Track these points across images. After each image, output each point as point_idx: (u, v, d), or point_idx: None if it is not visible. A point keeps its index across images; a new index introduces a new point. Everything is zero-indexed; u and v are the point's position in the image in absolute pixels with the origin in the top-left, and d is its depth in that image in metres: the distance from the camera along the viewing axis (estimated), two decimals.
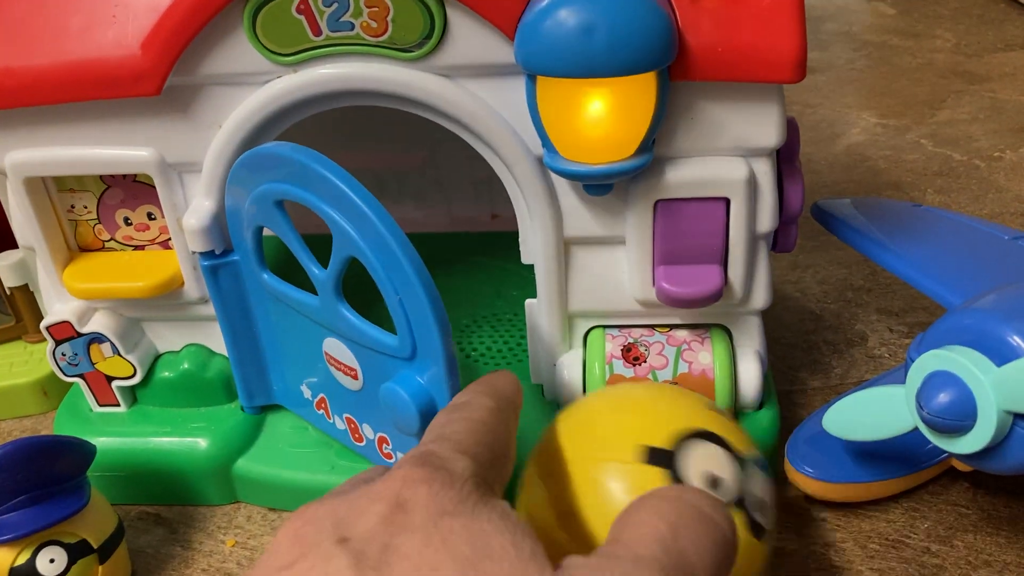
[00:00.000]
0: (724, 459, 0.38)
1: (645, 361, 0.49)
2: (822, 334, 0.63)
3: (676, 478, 0.37)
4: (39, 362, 0.62)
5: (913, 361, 0.42)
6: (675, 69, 0.41)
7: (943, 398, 0.39)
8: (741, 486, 0.37)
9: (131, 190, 0.50)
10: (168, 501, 0.53)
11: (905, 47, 1.06)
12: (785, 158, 0.47)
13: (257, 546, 0.50)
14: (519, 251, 0.51)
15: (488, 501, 0.29)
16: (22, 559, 0.43)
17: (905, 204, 0.58)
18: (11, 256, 0.60)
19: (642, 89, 0.41)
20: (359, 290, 0.48)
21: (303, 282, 0.48)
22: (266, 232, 0.48)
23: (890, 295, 0.66)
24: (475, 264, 0.66)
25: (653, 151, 0.44)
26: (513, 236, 0.57)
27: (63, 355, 0.52)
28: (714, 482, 0.37)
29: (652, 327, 0.50)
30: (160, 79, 0.44)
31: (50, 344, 0.52)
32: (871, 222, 0.54)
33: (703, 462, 0.37)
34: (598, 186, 0.44)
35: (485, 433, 0.34)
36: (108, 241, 0.51)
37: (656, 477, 0.37)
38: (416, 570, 0.26)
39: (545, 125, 0.43)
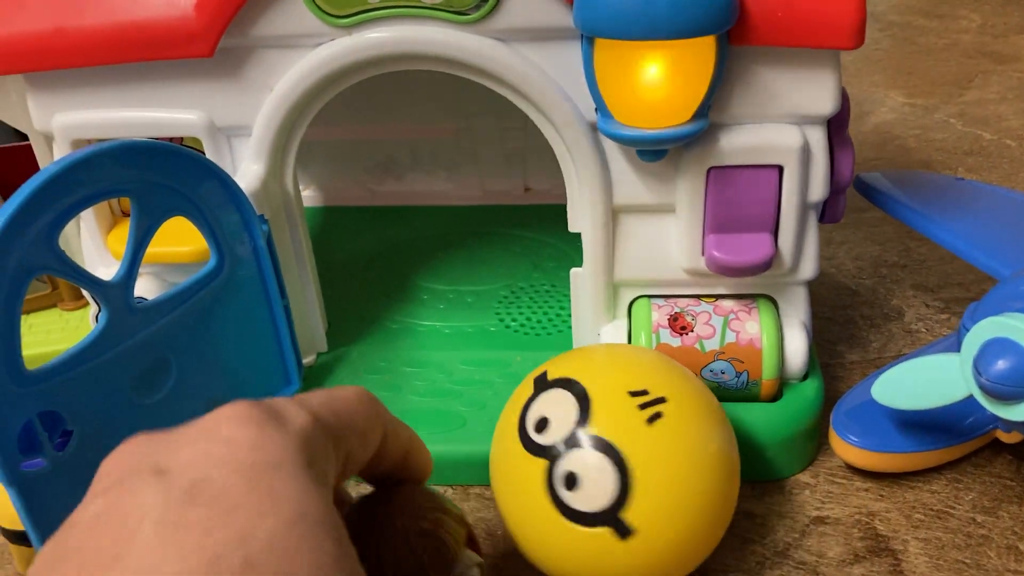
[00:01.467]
0: None
1: (692, 330, 0.49)
2: (858, 309, 0.63)
3: None
4: (75, 329, 0.62)
5: (968, 329, 0.41)
6: (734, 33, 0.41)
7: (1002, 364, 0.39)
8: None
9: None
10: None
11: (930, 27, 1.06)
12: (836, 127, 0.47)
13: None
14: (553, 224, 0.51)
15: (309, 469, 0.27)
16: None
17: (947, 177, 0.58)
18: None
19: (701, 53, 0.41)
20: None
21: None
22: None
23: (924, 271, 0.66)
24: (510, 236, 0.66)
25: (708, 117, 0.43)
26: (547, 208, 0.57)
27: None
28: None
29: (698, 297, 0.50)
30: (213, 40, 0.43)
31: (93, 308, 0.52)
32: (915, 195, 0.54)
33: None
34: (652, 152, 0.44)
35: (341, 403, 0.32)
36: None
37: None
38: (226, 513, 0.25)
39: (601, 89, 0.42)
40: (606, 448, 0.38)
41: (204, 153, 0.48)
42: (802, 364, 0.50)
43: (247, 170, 0.47)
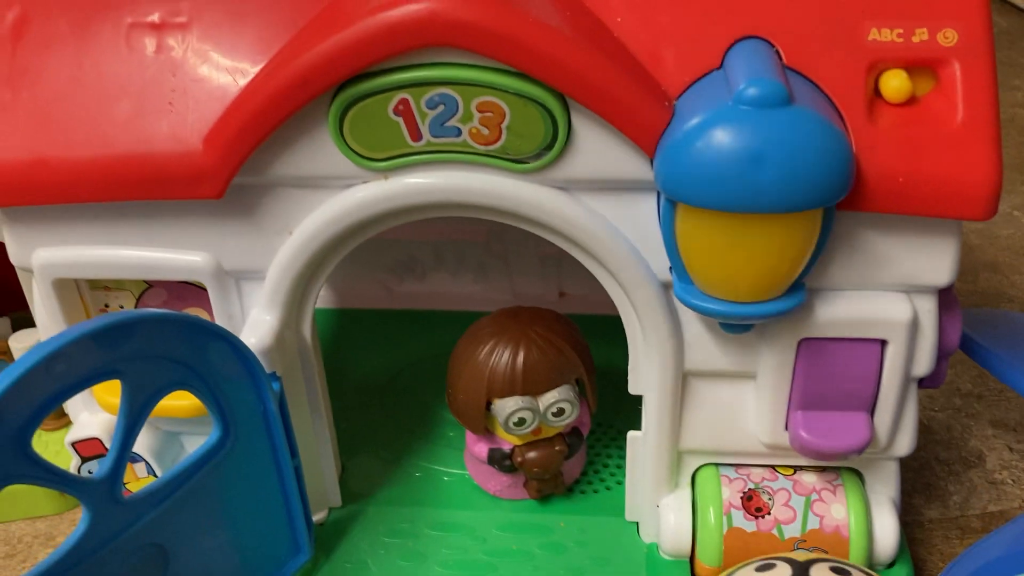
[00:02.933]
0: None
1: (769, 513, 0.42)
2: (933, 450, 0.56)
3: None
4: (55, 455, 0.55)
5: None
6: (844, 199, 0.35)
7: None
8: None
9: (176, 291, 0.43)
10: None
11: None
12: (943, 289, 0.41)
13: None
14: (592, 338, 0.45)
15: None
16: None
17: None
18: (28, 337, 0.53)
19: (805, 226, 0.34)
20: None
21: None
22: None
23: (1004, 405, 0.60)
24: None
25: (805, 288, 0.37)
26: (585, 319, 0.50)
27: (90, 473, 0.45)
28: None
29: (773, 467, 0.44)
30: (224, 180, 0.37)
31: (75, 460, 0.45)
32: (1012, 347, 0.47)
33: None
34: (738, 325, 0.38)
35: None
36: None
37: None
38: None
39: (683, 256, 0.36)
40: None
41: (208, 296, 0.41)
42: (893, 550, 0.43)
43: (259, 321, 0.40)
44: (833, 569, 0.36)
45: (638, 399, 0.44)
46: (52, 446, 0.56)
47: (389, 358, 0.60)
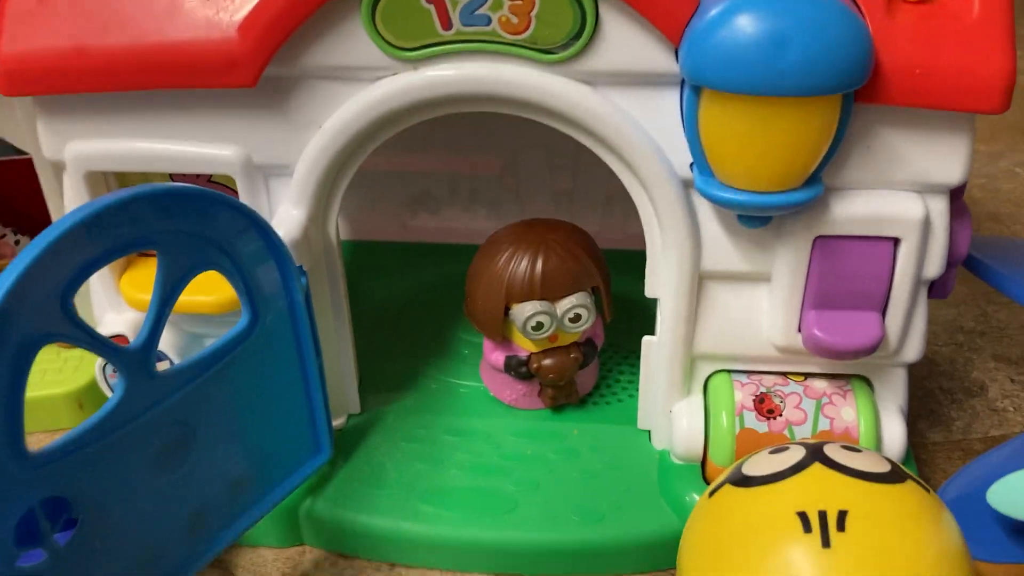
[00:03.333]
0: None
1: (781, 415, 0.43)
2: (936, 380, 0.58)
3: None
4: (74, 371, 0.56)
5: None
6: (862, 91, 0.36)
7: None
8: None
9: None
10: None
11: None
12: (954, 194, 0.42)
13: None
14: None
15: None
16: None
17: None
18: None
19: (826, 112, 0.35)
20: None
21: None
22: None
23: (1006, 340, 0.61)
24: None
25: (823, 182, 0.38)
26: None
27: (114, 372, 0.46)
28: None
29: (785, 375, 0.45)
30: (258, 68, 0.38)
31: (100, 361, 0.46)
32: (1018, 265, 0.49)
33: None
34: (756, 217, 0.39)
35: None
36: None
37: None
38: None
39: (705, 146, 0.37)
40: None
41: (236, 194, 0.42)
42: (900, 454, 0.44)
43: (287, 215, 0.41)
44: (844, 447, 0.37)
45: (652, 326, 0.45)
46: (71, 362, 0.57)
47: (404, 285, 0.61)
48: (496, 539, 0.44)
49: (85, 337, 0.33)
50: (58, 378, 0.55)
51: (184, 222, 0.35)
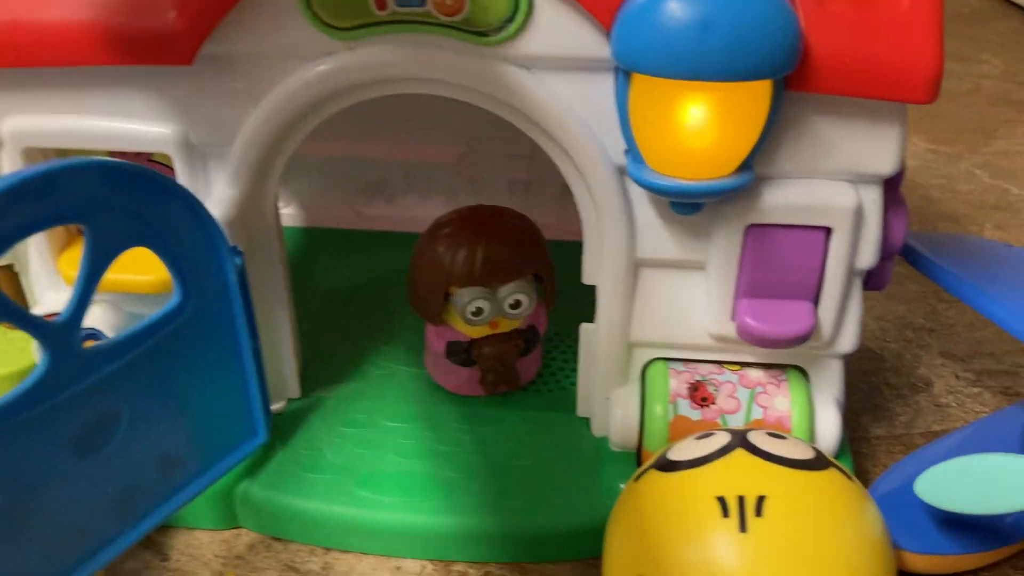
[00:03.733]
0: None
1: (714, 403, 0.44)
2: (883, 376, 0.58)
3: None
4: (19, 352, 0.56)
5: None
6: (792, 78, 0.36)
7: None
8: None
9: None
10: None
11: (951, 70, 1.01)
12: (890, 184, 0.42)
13: None
14: (557, 263, 0.46)
15: None
16: None
17: (994, 243, 0.53)
18: None
19: (755, 98, 0.35)
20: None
21: None
22: None
23: (953, 338, 0.61)
24: None
25: (753, 169, 0.38)
26: (551, 245, 0.51)
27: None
28: None
29: (720, 363, 0.45)
30: (194, 47, 0.38)
31: None
32: (962, 262, 0.49)
33: None
34: (688, 204, 0.39)
35: None
36: None
37: None
38: None
39: (635, 132, 0.37)
40: None
41: (174, 172, 0.42)
42: (834, 446, 0.45)
43: (222, 194, 0.41)
44: (769, 434, 0.37)
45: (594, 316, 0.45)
46: (18, 342, 0.56)
47: (355, 272, 0.61)
48: (432, 524, 0.44)
49: (5, 310, 0.33)
50: (4, 358, 0.55)
51: (112, 197, 0.35)
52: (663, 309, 0.43)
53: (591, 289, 0.44)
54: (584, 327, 0.45)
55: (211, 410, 0.43)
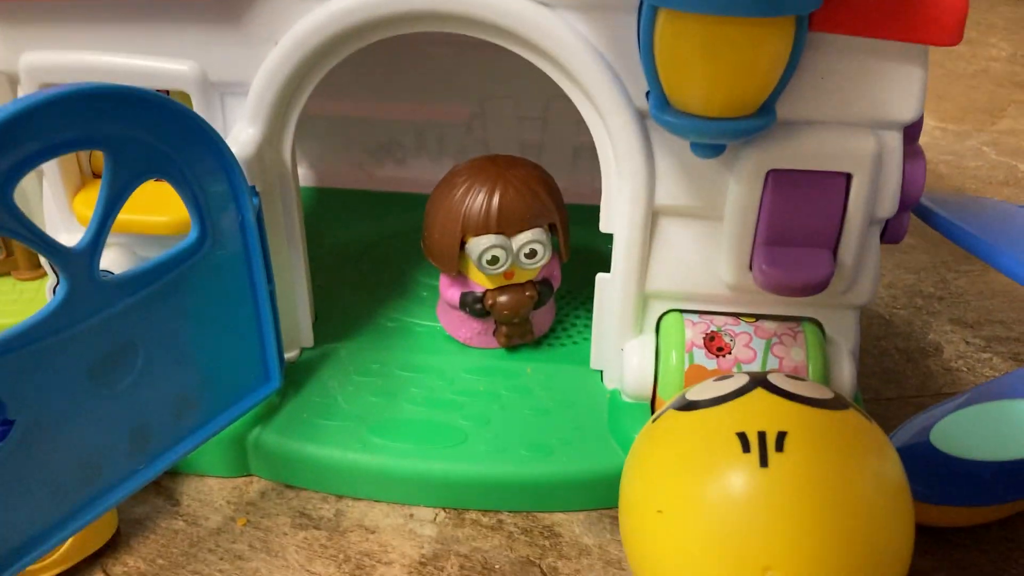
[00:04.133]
0: None
1: (730, 352, 0.44)
2: (893, 341, 0.58)
3: None
4: (29, 303, 0.55)
5: None
6: (817, 17, 0.36)
7: None
8: None
9: None
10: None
11: (959, 52, 1.01)
12: (909, 137, 0.42)
13: (271, 527, 0.44)
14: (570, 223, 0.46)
15: None
16: None
17: (1007, 204, 0.53)
18: None
19: (779, 34, 0.35)
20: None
21: None
22: None
23: (962, 306, 0.61)
24: None
25: (775, 112, 0.38)
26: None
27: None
28: None
29: (737, 316, 0.45)
30: None
31: (51, 280, 0.46)
32: (976, 221, 0.49)
33: None
34: (709, 146, 0.39)
35: None
36: None
37: None
38: None
39: (660, 69, 0.37)
40: None
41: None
42: (849, 397, 0.44)
43: (241, 133, 0.41)
44: (789, 376, 0.37)
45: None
46: (27, 294, 0.56)
47: (366, 231, 0.61)
48: (444, 471, 0.44)
49: (25, 231, 0.33)
50: (12, 308, 0.55)
51: (135, 125, 0.35)
52: (680, 258, 0.43)
53: (602, 249, 0.44)
54: (600, 277, 0.45)
55: (226, 353, 0.43)
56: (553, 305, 0.51)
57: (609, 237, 0.44)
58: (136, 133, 0.35)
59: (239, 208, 0.40)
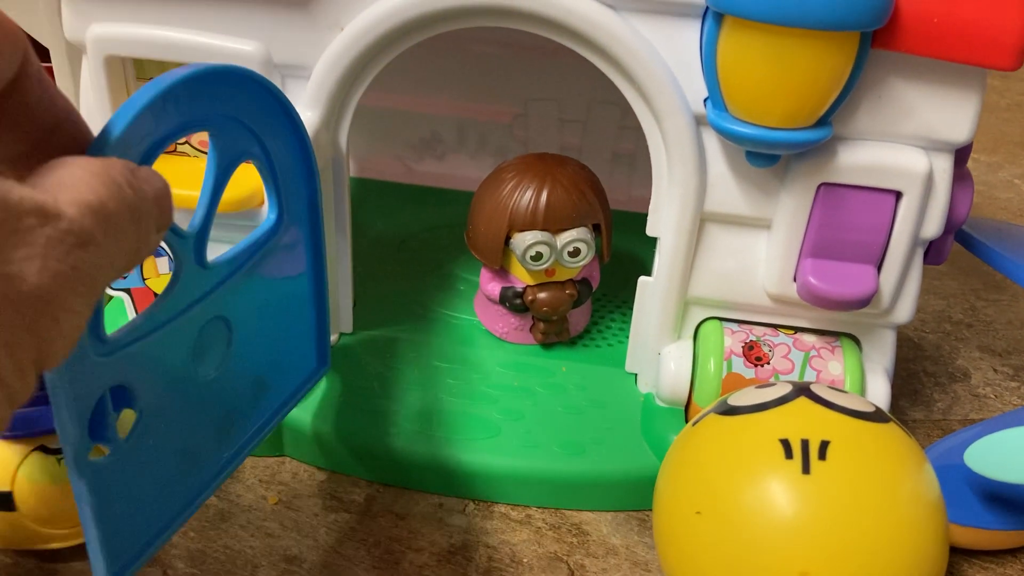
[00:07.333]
0: None
1: (768, 363, 0.44)
2: (921, 364, 0.58)
3: None
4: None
5: None
6: (878, 34, 0.36)
7: None
8: None
9: None
10: None
11: (992, 86, 1.02)
12: (958, 160, 0.42)
13: (302, 507, 0.44)
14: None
15: None
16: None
17: None
18: None
19: (843, 49, 0.36)
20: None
21: None
22: None
23: (991, 334, 0.61)
24: None
25: (832, 126, 0.38)
26: None
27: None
28: None
29: (775, 327, 0.45)
30: None
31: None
32: (1016, 247, 0.49)
33: None
34: (764, 156, 0.39)
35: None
36: (182, 144, 0.46)
37: None
38: None
39: (721, 76, 0.37)
40: None
41: None
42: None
43: (302, 116, 0.41)
44: (831, 387, 0.38)
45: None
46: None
47: (405, 223, 0.61)
48: (477, 463, 0.44)
49: None
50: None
51: (231, 107, 0.34)
52: (725, 266, 0.44)
53: (636, 254, 0.44)
54: (642, 280, 0.45)
55: (292, 334, 0.42)
56: (590, 306, 0.51)
57: (643, 242, 0.44)
58: (234, 115, 0.35)
59: (310, 190, 0.40)
